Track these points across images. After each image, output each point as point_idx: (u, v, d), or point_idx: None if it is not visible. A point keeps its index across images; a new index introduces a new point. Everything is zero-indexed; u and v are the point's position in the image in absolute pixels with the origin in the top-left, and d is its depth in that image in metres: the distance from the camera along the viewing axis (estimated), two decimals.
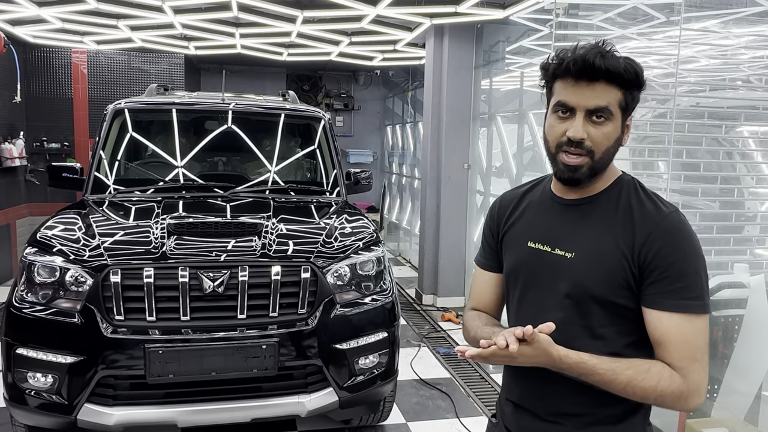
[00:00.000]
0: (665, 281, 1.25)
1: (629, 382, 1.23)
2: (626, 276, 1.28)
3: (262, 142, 4.49)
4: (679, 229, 1.27)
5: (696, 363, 1.25)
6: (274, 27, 5.99)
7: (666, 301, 1.25)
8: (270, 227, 3.20)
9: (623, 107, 1.29)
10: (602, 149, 1.29)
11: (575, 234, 1.35)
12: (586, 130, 1.27)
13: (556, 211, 1.40)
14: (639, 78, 1.28)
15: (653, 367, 1.25)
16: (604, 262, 1.29)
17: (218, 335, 2.79)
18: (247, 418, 2.96)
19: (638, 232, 1.28)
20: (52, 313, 2.77)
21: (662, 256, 1.25)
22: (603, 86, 1.25)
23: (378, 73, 10.21)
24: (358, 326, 3.05)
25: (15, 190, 7.08)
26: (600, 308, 1.31)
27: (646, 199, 1.33)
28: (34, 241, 3.02)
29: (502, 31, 5.92)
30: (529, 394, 1.41)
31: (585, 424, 1.34)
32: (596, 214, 1.35)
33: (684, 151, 4.83)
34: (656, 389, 1.23)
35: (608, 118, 1.27)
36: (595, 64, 1.23)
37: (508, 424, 1.48)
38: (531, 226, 1.44)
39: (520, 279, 1.44)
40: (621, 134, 1.32)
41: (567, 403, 1.35)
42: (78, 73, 7.60)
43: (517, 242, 1.46)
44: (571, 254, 1.34)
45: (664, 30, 4.42)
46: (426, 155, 6.33)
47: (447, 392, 4.14)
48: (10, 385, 2.80)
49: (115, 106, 4.21)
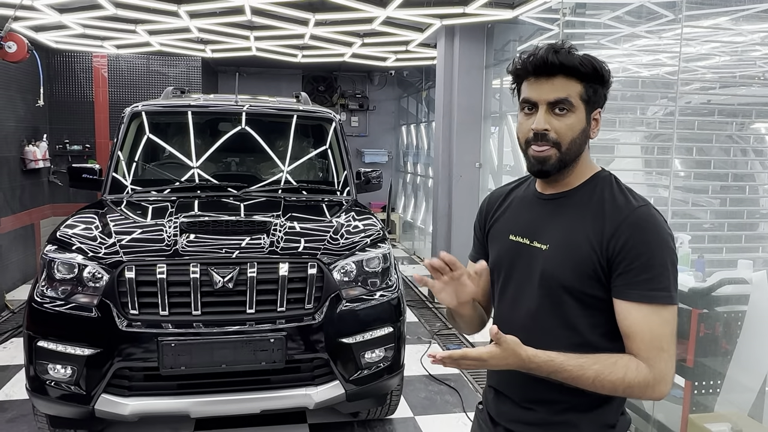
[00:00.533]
0: (631, 272, 1.28)
1: (597, 377, 1.27)
2: (595, 267, 1.32)
3: (275, 143, 4.59)
4: (646, 222, 1.30)
5: (662, 353, 1.28)
6: (288, 29, 6.10)
7: (633, 292, 1.29)
8: (279, 225, 3.30)
9: (585, 99, 1.34)
10: (567, 140, 1.34)
11: (550, 227, 1.40)
12: (549, 123, 1.33)
13: (536, 205, 1.46)
14: (597, 72, 1.34)
15: (620, 360, 1.29)
16: (573, 253, 1.34)
17: (228, 329, 2.90)
18: (256, 410, 3.06)
19: (607, 225, 1.32)
20: (71, 307, 2.91)
21: (628, 248, 1.28)
22: (562, 80, 1.32)
23: (392, 73, 10.28)
24: (364, 321, 3.13)
25: (39, 191, 7.30)
26: (571, 298, 1.35)
27: (618, 193, 1.37)
28: (54, 239, 3.16)
29: (512, 30, 5.97)
30: (506, 381, 1.47)
31: (558, 411, 1.39)
32: (570, 207, 1.39)
33: (694, 148, 4.84)
34: (624, 381, 1.27)
35: (570, 110, 1.33)
36: (549, 59, 1.30)
37: (489, 409, 1.54)
38: (513, 221, 1.50)
39: (502, 271, 1.50)
40: (586, 126, 1.37)
41: (541, 390, 1.39)
42: (98, 77, 7.80)
43: (500, 236, 1.52)
44: (545, 246, 1.39)
45: (672, 28, 4.43)
46: (438, 154, 6.40)
47: (455, 387, 4.21)
48: (32, 377, 2.93)
49: (132, 109, 4.35)
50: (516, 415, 1.45)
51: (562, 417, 1.39)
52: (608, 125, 4.29)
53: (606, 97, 1.39)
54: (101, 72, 7.79)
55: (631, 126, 4.84)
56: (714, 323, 3.06)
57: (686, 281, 3.12)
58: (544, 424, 1.41)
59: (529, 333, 1.37)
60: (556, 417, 1.40)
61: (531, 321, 1.41)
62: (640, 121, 4.92)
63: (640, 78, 4.97)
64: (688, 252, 3.46)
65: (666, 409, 3.33)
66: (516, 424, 1.45)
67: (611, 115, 4.20)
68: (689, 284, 3.11)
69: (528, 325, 1.41)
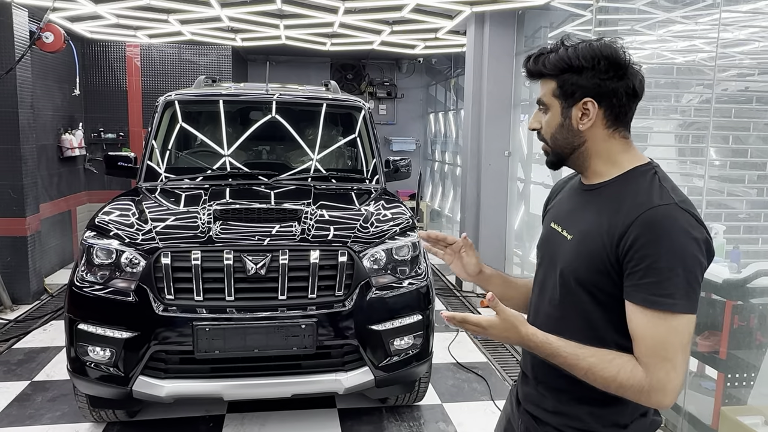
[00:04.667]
0: (637, 274, 1.24)
1: (590, 369, 1.25)
2: (605, 263, 1.29)
3: (305, 131, 4.63)
4: (660, 223, 1.23)
5: (665, 362, 1.22)
6: (317, 18, 6.12)
7: (637, 294, 1.25)
8: (310, 213, 3.34)
9: (558, 95, 1.36)
10: (548, 136, 1.41)
11: (578, 217, 1.41)
12: (539, 120, 1.43)
13: (575, 195, 1.49)
14: (563, 66, 1.33)
15: (617, 358, 1.26)
16: (588, 247, 1.33)
17: (260, 315, 2.95)
18: (287, 394, 3.13)
19: (621, 221, 1.28)
20: (109, 292, 3.00)
21: (636, 248, 1.24)
22: (544, 81, 1.39)
23: (421, 61, 10.23)
24: (393, 308, 3.16)
25: (75, 179, 7.49)
26: (584, 292, 1.34)
27: (647, 187, 1.31)
28: (92, 226, 3.25)
29: (544, 16, 5.88)
30: (531, 365, 1.49)
31: (564, 400, 1.40)
32: (597, 199, 1.38)
33: (730, 136, 4.73)
34: (615, 380, 1.24)
35: (547, 108, 1.40)
36: (527, 68, 1.41)
37: (517, 389, 1.59)
38: (558, 209, 1.54)
39: (538, 257, 1.55)
40: (563, 120, 1.37)
41: (551, 375, 1.40)
42: (132, 66, 7.94)
43: (546, 223, 1.56)
44: (570, 236, 1.40)
45: (710, 12, 4.32)
46: (467, 142, 6.37)
47: (483, 376, 4.23)
48: (73, 359, 3.04)
49: (166, 98, 4.43)
50: (534, 399, 1.48)
51: (568, 407, 1.40)
52: (642, 113, 4.21)
53: (596, 85, 1.31)
54: (134, 61, 7.93)
55: (665, 114, 4.75)
56: (748, 315, 3.01)
57: (720, 272, 3.08)
58: (555, 412, 1.42)
59: (552, 321, 1.40)
60: (563, 407, 1.40)
61: (553, 309, 1.43)
62: (674, 108, 4.82)
63: (675, 65, 4.86)
64: (723, 243, 3.40)
65: (697, 401, 3.30)
66: (534, 408, 1.48)
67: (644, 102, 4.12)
68: (723, 275, 3.06)
69: (551, 313, 1.43)
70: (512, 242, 6.30)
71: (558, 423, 1.41)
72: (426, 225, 9.90)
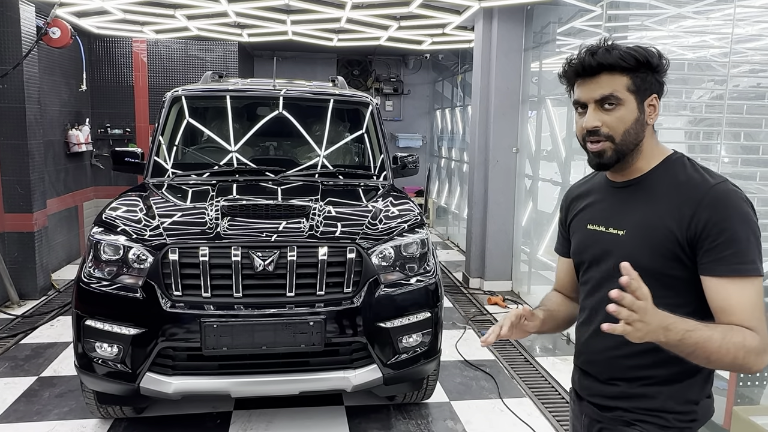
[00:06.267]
0: (717, 248, 1.31)
1: (723, 339, 1.24)
2: (674, 248, 1.36)
3: (312, 127, 4.61)
4: (726, 197, 1.34)
5: (762, 323, 1.29)
6: (324, 13, 6.09)
7: (721, 267, 1.31)
8: (318, 209, 3.32)
9: (633, 90, 1.40)
10: (620, 132, 1.41)
11: (625, 213, 1.47)
12: (599, 119, 1.41)
13: (609, 194, 1.54)
14: (641, 61, 1.38)
15: (731, 326, 1.27)
16: (651, 236, 1.39)
17: (268, 311, 2.94)
18: (295, 391, 3.11)
19: (686, 205, 1.36)
20: (117, 288, 2.98)
21: (711, 225, 1.32)
22: (606, 77, 1.39)
23: (427, 56, 10.18)
24: (401, 306, 3.14)
25: (82, 174, 7.50)
26: (650, 280, 1.31)
27: (693, 172, 1.41)
28: (100, 222, 3.24)
29: (552, 11, 5.83)
30: (590, 360, 1.56)
31: (638, 384, 1.45)
32: (644, 192, 1.45)
33: (741, 133, 4.68)
34: (744, 345, 1.25)
35: (618, 103, 1.39)
36: (586, 62, 1.39)
37: (575, 386, 1.65)
38: (590, 211, 1.59)
39: (583, 259, 1.59)
40: (640, 115, 1.41)
41: (623, 368, 1.46)
42: (138, 62, 7.93)
43: (580, 226, 1.61)
44: (622, 232, 1.46)
45: (721, 8, 4.27)
46: (474, 139, 6.33)
47: (491, 374, 4.20)
48: (80, 354, 3.03)
49: (173, 94, 4.41)
50: (598, 390, 1.54)
51: (641, 390, 1.45)
52: None
53: (661, 82, 1.43)
54: (141, 57, 7.92)
55: (675, 110, 4.70)
56: None
57: None
58: (622, 396, 1.48)
59: (613, 318, 1.38)
60: (635, 390, 1.46)
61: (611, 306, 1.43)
62: (684, 105, 4.77)
63: (686, 60, 4.81)
64: None
65: None
66: (597, 398, 1.54)
67: None
68: None
69: None
70: (519, 239, 6.27)
71: (629, 405, 1.47)
72: (432, 221, 9.87)
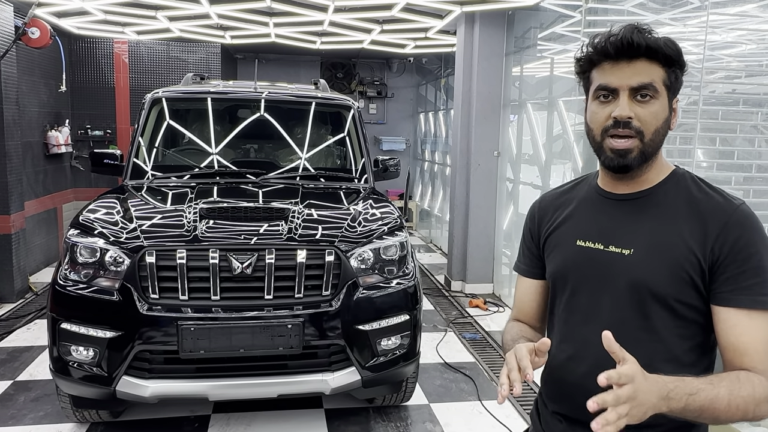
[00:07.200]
0: (742, 276, 1.16)
1: (730, 394, 1.08)
2: (693, 272, 1.20)
3: (293, 130, 4.61)
4: (752, 221, 1.20)
5: None
6: (307, 16, 6.09)
7: (743, 297, 1.16)
8: (297, 212, 3.32)
9: (668, 86, 1.22)
10: (651, 129, 1.21)
11: (633, 229, 1.27)
12: (632, 110, 1.20)
13: (607, 206, 1.33)
14: (681, 56, 1.22)
15: (737, 374, 1.12)
16: (667, 257, 1.21)
17: (246, 314, 2.93)
18: (273, 394, 3.11)
19: (710, 225, 1.20)
20: (93, 290, 2.96)
21: (738, 249, 1.17)
22: (644, 63, 1.20)
23: (411, 60, 10.22)
24: (380, 308, 3.15)
25: (61, 176, 7.41)
26: (661, 308, 1.22)
27: (711, 191, 1.25)
28: (76, 224, 3.21)
29: (533, 17, 5.89)
30: (578, 405, 1.20)
31: None
32: (656, 207, 1.27)
33: (717, 138, 4.75)
34: (754, 397, 1.09)
35: (654, 96, 1.21)
36: (634, 39, 1.18)
37: (545, 427, 1.42)
38: (576, 224, 1.36)
39: (569, 281, 1.35)
40: (669, 115, 1.24)
41: None
42: (119, 63, 7.87)
43: (564, 242, 1.37)
44: (629, 251, 1.25)
45: (698, 15, 4.34)
46: (456, 142, 6.37)
47: (471, 376, 4.22)
48: (56, 358, 3.00)
49: (153, 95, 4.39)
50: None
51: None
52: None
53: (681, 84, 1.27)
54: (122, 58, 7.86)
55: None
56: None
57: None
58: None
59: None
60: None
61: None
62: None
63: None
64: None
65: None
66: None
67: None
68: None
69: None
70: (501, 242, 6.31)
71: None
72: (415, 224, 9.90)
